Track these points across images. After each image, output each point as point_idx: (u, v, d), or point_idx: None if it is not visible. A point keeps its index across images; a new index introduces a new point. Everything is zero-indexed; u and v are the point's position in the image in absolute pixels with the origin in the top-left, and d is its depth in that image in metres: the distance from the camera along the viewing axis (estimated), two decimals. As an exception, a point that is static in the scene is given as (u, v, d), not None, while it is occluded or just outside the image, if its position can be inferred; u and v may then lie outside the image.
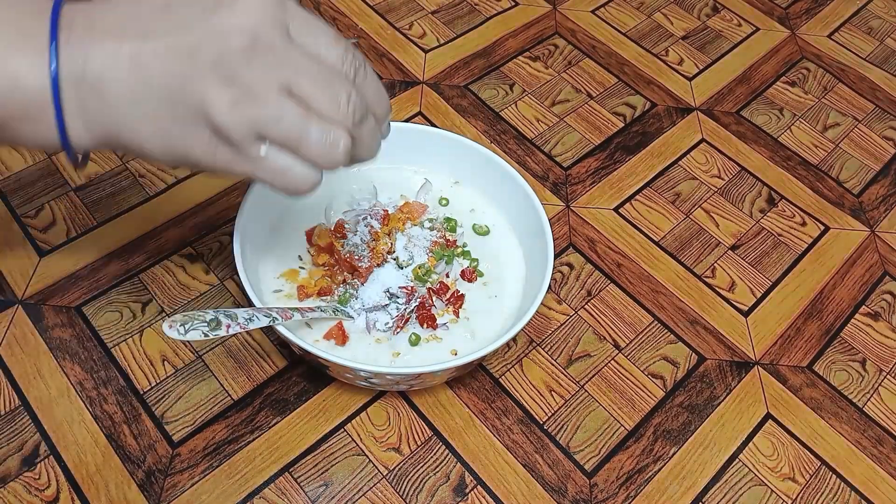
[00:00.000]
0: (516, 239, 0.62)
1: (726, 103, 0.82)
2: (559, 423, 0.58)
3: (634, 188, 0.73)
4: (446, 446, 0.56)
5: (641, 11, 0.90)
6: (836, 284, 0.68)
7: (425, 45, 0.82)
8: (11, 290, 0.60)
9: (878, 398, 0.62)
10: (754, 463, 0.57)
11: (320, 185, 0.43)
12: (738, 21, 0.91)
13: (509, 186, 0.61)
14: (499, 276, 0.60)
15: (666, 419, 0.59)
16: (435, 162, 0.65)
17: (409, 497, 0.53)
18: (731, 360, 0.62)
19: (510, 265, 0.61)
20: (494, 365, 0.60)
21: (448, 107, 0.77)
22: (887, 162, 0.79)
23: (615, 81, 0.82)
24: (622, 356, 0.62)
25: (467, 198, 0.65)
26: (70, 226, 0.64)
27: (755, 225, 0.72)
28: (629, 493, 0.55)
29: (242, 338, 0.59)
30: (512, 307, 0.58)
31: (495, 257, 0.61)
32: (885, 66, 0.88)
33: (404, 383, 0.54)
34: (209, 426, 0.55)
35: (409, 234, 0.61)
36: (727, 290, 0.67)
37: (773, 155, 0.77)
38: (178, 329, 0.46)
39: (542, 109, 0.78)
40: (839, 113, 0.82)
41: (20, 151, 0.68)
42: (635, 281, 0.66)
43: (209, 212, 0.66)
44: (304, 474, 0.53)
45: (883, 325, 0.66)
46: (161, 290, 0.61)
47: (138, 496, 0.51)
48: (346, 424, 0.56)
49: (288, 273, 0.59)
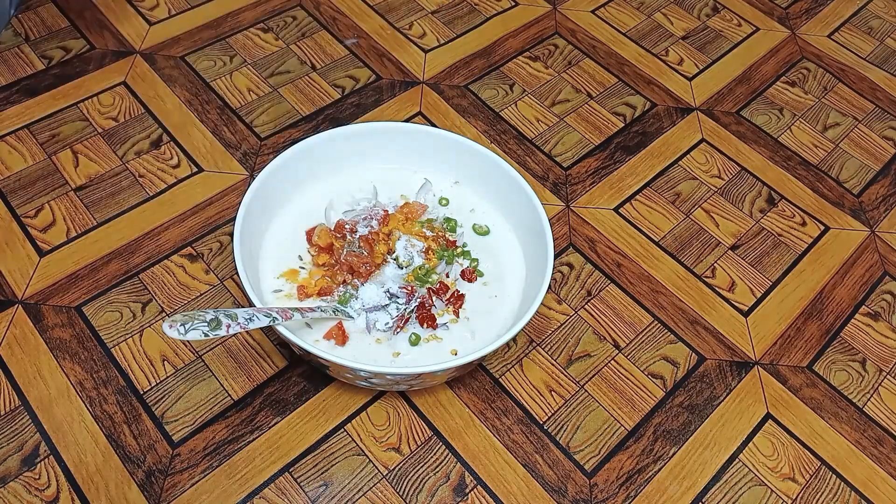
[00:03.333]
0: (516, 239, 0.62)
1: (726, 103, 0.82)
2: (559, 423, 0.58)
3: (634, 188, 0.73)
4: (446, 446, 0.56)
5: (641, 11, 0.90)
6: (836, 284, 0.68)
7: (425, 45, 0.82)
8: (11, 290, 0.60)
9: (878, 398, 0.62)
10: (754, 463, 0.57)
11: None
12: (738, 21, 0.91)
13: (509, 186, 0.61)
14: (499, 276, 0.60)
15: (666, 419, 0.59)
16: (435, 162, 0.64)
17: (409, 497, 0.53)
18: (731, 360, 0.62)
19: (510, 265, 0.61)
20: (494, 365, 0.60)
21: (448, 107, 0.77)
22: (887, 162, 0.79)
23: (615, 81, 0.82)
24: (622, 356, 0.62)
25: (467, 198, 0.65)
26: (70, 226, 0.64)
27: (755, 225, 0.72)
28: (629, 493, 0.55)
29: (242, 338, 0.59)
30: (512, 307, 0.58)
31: (495, 257, 0.61)
32: (885, 66, 0.88)
33: (404, 383, 0.54)
34: (209, 426, 0.55)
35: (408, 238, 0.61)
36: (727, 290, 0.67)
37: (773, 155, 0.77)
38: (179, 329, 0.46)
39: (542, 109, 0.78)
40: (839, 113, 0.82)
41: (20, 151, 0.68)
42: (635, 281, 0.66)
43: (209, 212, 0.66)
44: (304, 474, 0.53)
45: (883, 325, 0.66)
46: (161, 290, 0.61)
47: (138, 496, 0.51)
48: (346, 424, 0.56)
49: (288, 273, 0.59)
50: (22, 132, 0.69)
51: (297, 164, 0.61)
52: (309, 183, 0.63)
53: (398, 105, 0.76)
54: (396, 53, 0.81)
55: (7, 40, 0.76)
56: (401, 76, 0.79)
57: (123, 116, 0.72)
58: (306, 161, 0.62)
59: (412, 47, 0.82)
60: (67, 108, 0.72)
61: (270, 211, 0.61)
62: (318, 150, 0.62)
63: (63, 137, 0.69)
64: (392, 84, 0.78)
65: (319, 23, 0.83)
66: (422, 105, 0.76)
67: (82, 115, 0.71)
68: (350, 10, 0.85)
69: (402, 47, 0.82)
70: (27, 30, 0.77)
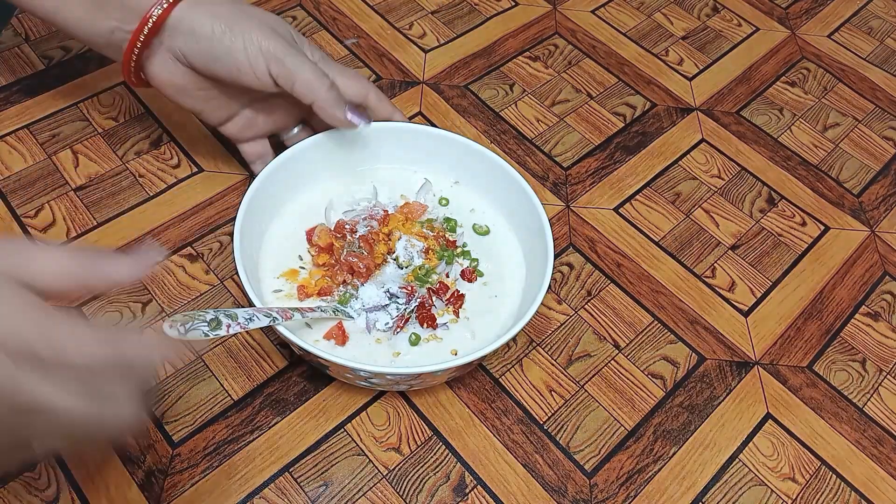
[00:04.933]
0: (516, 239, 0.62)
1: (726, 103, 0.82)
2: (559, 423, 0.58)
3: (634, 188, 0.73)
4: (446, 446, 0.56)
5: (641, 11, 0.90)
6: (836, 284, 0.68)
7: (425, 45, 0.82)
8: (11, 290, 0.60)
9: (878, 398, 0.62)
10: (754, 463, 0.57)
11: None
12: (738, 21, 0.91)
13: (509, 186, 0.61)
14: (499, 276, 0.60)
15: (666, 419, 0.59)
16: (435, 162, 0.64)
17: (409, 497, 0.53)
18: (731, 360, 0.62)
19: (510, 265, 0.61)
20: (494, 365, 0.60)
21: (448, 107, 0.77)
22: (887, 162, 0.79)
23: (615, 81, 0.82)
24: (622, 356, 0.62)
25: (467, 198, 0.65)
26: (70, 226, 0.64)
27: (755, 225, 0.72)
28: (629, 493, 0.55)
29: (242, 338, 0.59)
30: (512, 307, 0.58)
31: (495, 257, 0.61)
32: (885, 66, 0.88)
33: (404, 383, 0.54)
34: (209, 426, 0.55)
35: (408, 238, 0.61)
36: (727, 290, 0.67)
37: (773, 155, 0.77)
38: (179, 329, 0.46)
39: (542, 109, 0.78)
40: (839, 113, 0.82)
41: (20, 151, 0.68)
42: (635, 281, 0.66)
43: (209, 212, 0.66)
44: (304, 474, 0.53)
45: (883, 325, 0.66)
46: (161, 290, 0.61)
47: (138, 496, 0.51)
48: (346, 424, 0.56)
49: (288, 273, 0.59)
50: (22, 132, 0.69)
51: (297, 165, 0.61)
52: (309, 183, 0.63)
53: (398, 105, 0.76)
54: (396, 53, 0.81)
55: (7, 40, 0.76)
56: (401, 76, 0.79)
57: (123, 116, 0.72)
58: (306, 161, 0.62)
59: (412, 47, 0.82)
60: (67, 108, 0.72)
61: (270, 211, 0.61)
62: (318, 150, 0.62)
63: (63, 137, 0.69)
64: (392, 84, 0.78)
65: (319, 23, 0.83)
66: (422, 105, 0.76)
67: (82, 115, 0.71)
68: (350, 10, 0.85)
69: (402, 47, 0.82)
70: (27, 30, 0.77)
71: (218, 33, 0.55)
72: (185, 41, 0.56)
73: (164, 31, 0.56)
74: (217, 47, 0.55)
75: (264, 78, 0.56)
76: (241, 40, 0.55)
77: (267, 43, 0.55)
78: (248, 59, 0.55)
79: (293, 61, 0.55)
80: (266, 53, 0.55)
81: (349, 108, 0.58)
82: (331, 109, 0.57)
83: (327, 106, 0.57)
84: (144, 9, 0.55)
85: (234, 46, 0.55)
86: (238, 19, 0.55)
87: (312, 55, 0.59)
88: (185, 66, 0.58)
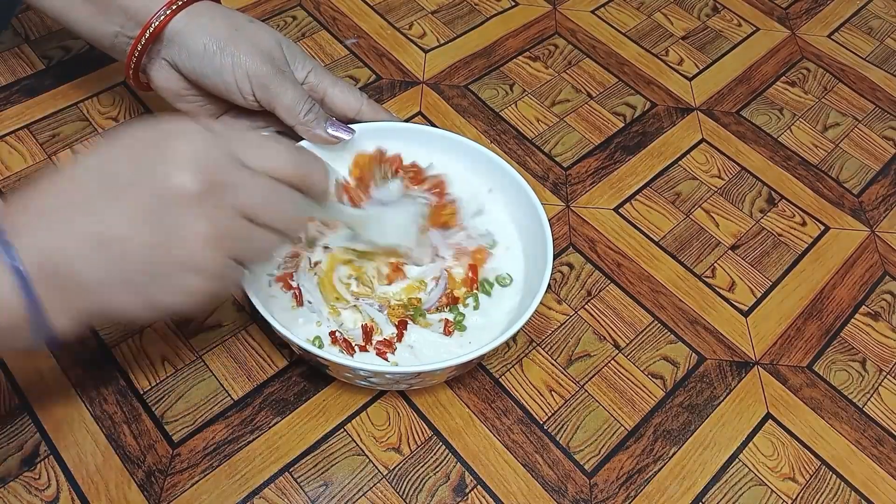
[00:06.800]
0: (516, 239, 0.62)
1: (726, 103, 0.82)
2: (559, 423, 0.58)
3: (634, 188, 0.73)
4: (446, 446, 0.56)
5: (641, 11, 0.90)
6: (836, 284, 0.68)
7: (425, 45, 0.82)
8: (11, 290, 0.60)
9: (878, 398, 0.62)
10: (754, 463, 0.57)
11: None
12: (738, 21, 0.91)
13: (509, 186, 0.61)
14: (499, 275, 0.60)
15: (666, 419, 0.59)
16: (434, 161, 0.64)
17: (409, 497, 0.53)
18: (731, 360, 0.62)
19: (510, 265, 0.61)
20: (494, 365, 0.60)
21: (448, 107, 0.77)
22: (887, 162, 0.79)
23: (615, 81, 0.82)
24: (622, 356, 0.62)
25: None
26: (70, 226, 0.64)
27: (755, 225, 0.72)
28: (629, 493, 0.55)
29: (242, 338, 0.59)
30: (512, 307, 0.58)
31: (495, 257, 0.61)
32: (885, 66, 0.88)
33: (404, 383, 0.54)
34: (209, 426, 0.55)
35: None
36: (727, 289, 0.67)
37: (773, 155, 0.77)
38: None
39: (542, 109, 0.78)
40: (839, 113, 0.83)
41: (20, 151, 0.68)
42: (635, 281, 0.66)
43: (209, 212, 0.66)
44: (304, 474, 0.53)
45: (883, 325, 0.66)
46: (161, 290, 0.61)
47: (138, 496, 0.51)
48: (346, 424, 0.56)
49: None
50: (22, 132, 0.69)
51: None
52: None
53: (398, 105, 0.76)
54: (396, 53, 0.81)
55: (7, 40, 0.76)
56: (401, 76, 0.79)
57: (123, 116, 0.72)
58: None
59: (412, 47, 0.82)
60: (67, 108, 0.72)
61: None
62: (319, 149, 0.62)
63: (63, 137, 0.69)
64: (392, 84, 0.78)
65: (319, 23, 0.83)
66: (422, 105, 0.76)
67: (82, 115, 0.71)
68: (350, 10, 0.85)
69: (402, 47, 0.82)
70: (27, 30, 0.77)
71: (209, 52, 0.57)
72: (178, 53, 0.58)
73: (162, 41, 0.58)
74: (207, 65, 0.57)
75: (249, 98, 0.58)
76: (230, 61, 0.57)
77: (255, 67, 0.57)
78: (235, 80, 0.57)
79: (277, 88, 0.57)
80: (252, 77, 0.57)
81: (330, 124, 0.60)
82: (312, 131, 0.59)
83: (305, 129, 0.59)
84: (145, 17, 0.57)
85: (223, 67, 0.57)
86: (231, 40, 0.57)
87: (304, 68, 0.61)
88: (179, 74, 0.60)
